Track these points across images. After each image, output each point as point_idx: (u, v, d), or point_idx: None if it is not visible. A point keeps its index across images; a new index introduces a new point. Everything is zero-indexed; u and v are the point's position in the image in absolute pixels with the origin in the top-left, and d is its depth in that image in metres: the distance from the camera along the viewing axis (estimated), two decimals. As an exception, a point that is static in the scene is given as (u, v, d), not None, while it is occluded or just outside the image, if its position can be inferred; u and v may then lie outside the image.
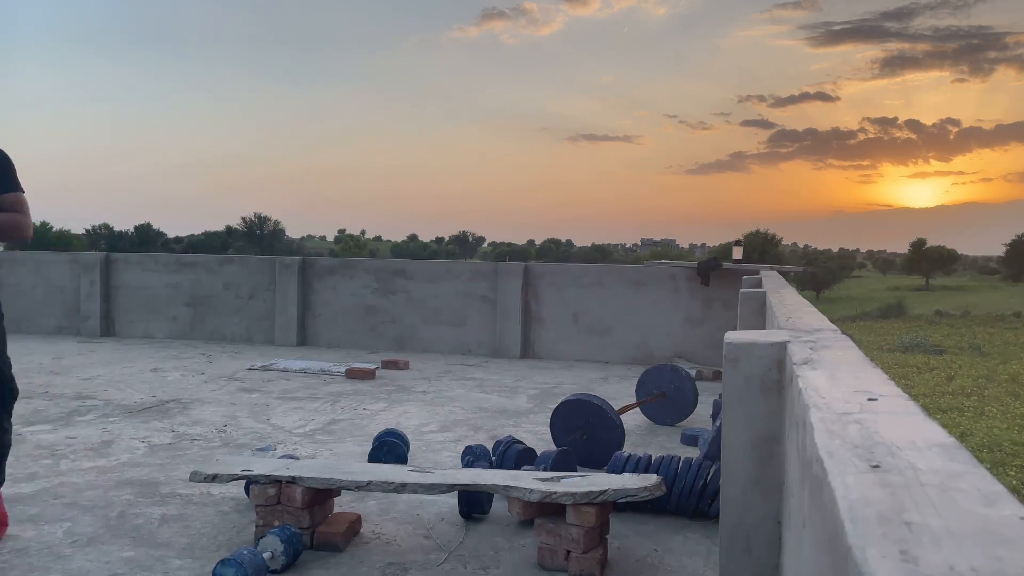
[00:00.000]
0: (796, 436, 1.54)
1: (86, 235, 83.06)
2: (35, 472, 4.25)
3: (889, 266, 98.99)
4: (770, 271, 7.59)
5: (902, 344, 15.09)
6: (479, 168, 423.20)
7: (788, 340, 2.07)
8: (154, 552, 3.20)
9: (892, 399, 1.33)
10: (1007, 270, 63.73)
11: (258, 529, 3.27)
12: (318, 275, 9.87)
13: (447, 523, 3.59)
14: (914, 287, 59.11)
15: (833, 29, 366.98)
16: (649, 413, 5.83)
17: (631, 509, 3.73)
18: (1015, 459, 6.57)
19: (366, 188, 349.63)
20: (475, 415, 5.94)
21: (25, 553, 3.16)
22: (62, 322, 10.40)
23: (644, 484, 3.10)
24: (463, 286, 9.39)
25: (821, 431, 1.11)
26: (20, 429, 5.19)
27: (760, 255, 33.19)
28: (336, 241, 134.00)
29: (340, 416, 5.81)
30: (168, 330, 10.15)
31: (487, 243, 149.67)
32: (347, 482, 3.24)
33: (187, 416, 5.70)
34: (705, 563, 3.21)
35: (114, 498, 3.85)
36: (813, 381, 1.51)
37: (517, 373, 7.94)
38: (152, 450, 4.76)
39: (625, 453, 3.97)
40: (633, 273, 9.13)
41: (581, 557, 3.02)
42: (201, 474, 3.40)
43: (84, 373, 7.40)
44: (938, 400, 9.25)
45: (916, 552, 0.68)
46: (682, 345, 8.74)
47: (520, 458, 4.11)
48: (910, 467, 0.92)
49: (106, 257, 10.51)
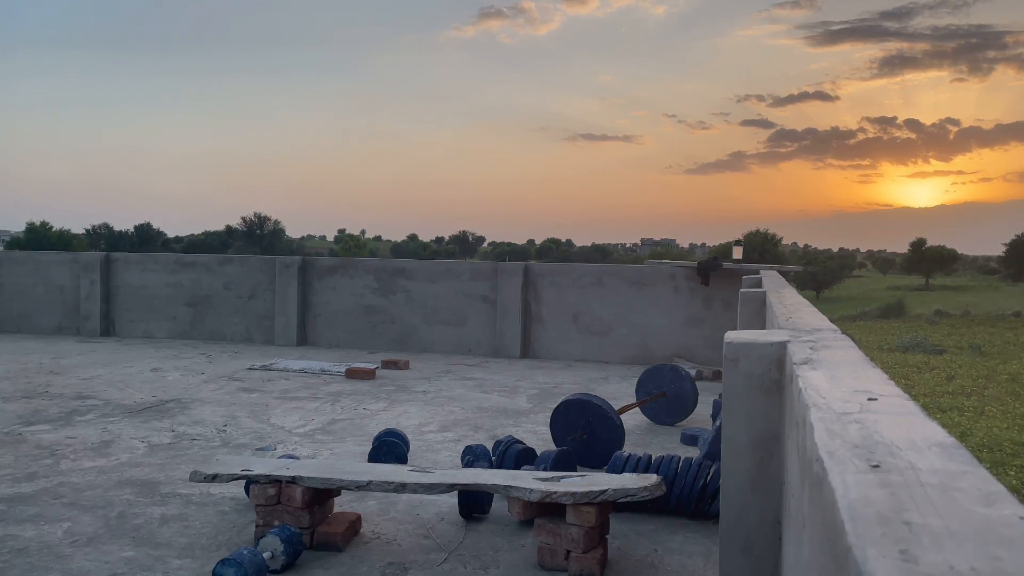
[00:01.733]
0: (796, 436, 1.54)
1: (86, 235, 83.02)
2: (35, 472, 4.24)
3: (889, 266, 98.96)
4: (770, 271, 7.59)
5: (902, 344, 15.10)
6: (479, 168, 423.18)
7: (788, 340, 2.07)
8: (154, 552, 3.20)
9: (892, 399, 1.33)
10: (1007, 270, 63.69)
11: (258, 529, 3.27)
12: (318, 275, 9.87)
13: (447, 523, 3.59)
14: (914, 287, 59.08)
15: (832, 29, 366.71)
16: (649, 413, 5.83)
17: (631, 509, 3.73)
18: (1015, 459, 6.57)
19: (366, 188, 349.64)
20: (475, 415, 5.94)
21: (25, 553, 3.16)
22: (62, 322, 10.40)
23: (644, 484, 3.10)
24: (463, 286, 9.39)
25: (821, 431, 1.11)
26: (20, 429, 5.19)
27: (760, 255, 33.20)
28: (336, 241, 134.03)
29: (340, 416, 5.81)
30: (168, 330, 10.14)
31: (487, 243, 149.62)
32: (347, 482, 3.24)
33: (187, 416, 5.70)
34: (705, 563, 3.21)
35: (114, 498, 3.85)
36: (813, 381, 1.51)
37: (517, 373, 7.94)
38: (152, 450, 4.76)
39: (625, 453, 3.97)
40: (633, 273, 9.12)
41: (581, 557, 3.02)
42: (201, 474, 3.40)
43: (84, 373, 7.39)
44: (938, 400, 9.25)
45: (916, 552, 0.68)
46: (682, 345, 8.74)
47: (520, 458, 4.11)
48: (910, 467, 0.92)
49: (106, 257, 10.51)
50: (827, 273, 50.79)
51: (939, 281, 65.33)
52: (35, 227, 66.91)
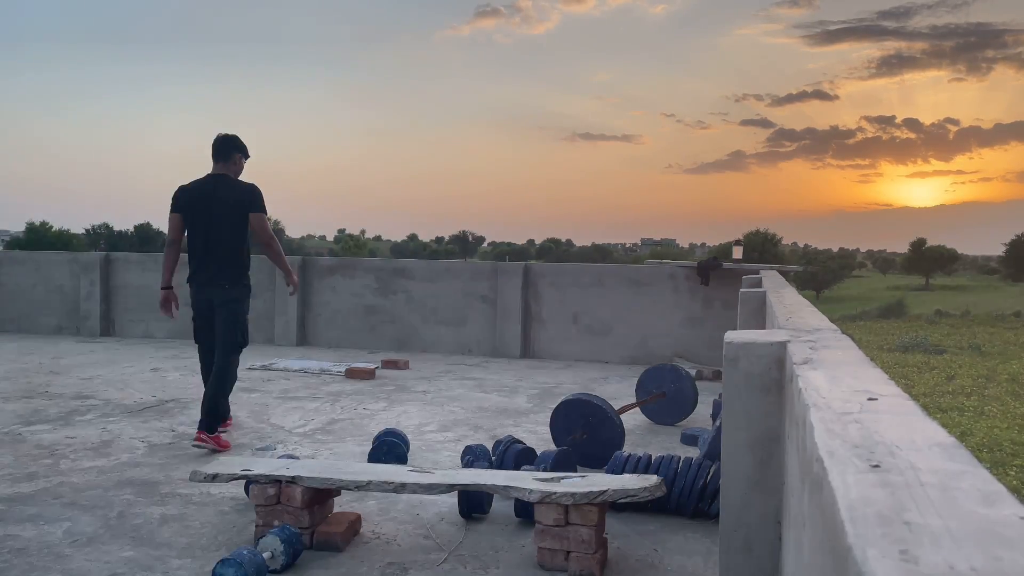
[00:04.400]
0: (796, 435, 1.54)
1: (86, 235, 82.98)
2: (35, 472, 4.24)
3: (889, 266, 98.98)
4: (770, 271, 7.59)
5: (902, 344, 15.09)
6: (479, 167, 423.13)
7: (788, 340, 2.07)
8: (154, 552, 3.20)
9: (892, 399, 1.33)
10: (1007, 270, 63.72)
11: (258, 529, 3.27)
12: (318, 275, 9.86)
13: (447, 523, 3.59)
14: (914, 287, 59.10)
15: (830, 28, 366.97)
16: (649, 413, 5.83)
17: (631, 509, 3.73)
18: (1015, 459, 6.57)
19: (366, 188, 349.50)
20: (475, 415, 5.94)
21: (25, 553, 3.16)
22: (62, 322, 10.40)
23: (644, 484, 3.10)
24: (463, 286, 9.39)
25: (821, 431, 1.11)
26: (20, 429, 5.19)
27: (760, 254, 33.20)
28: (336, 241, 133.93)
29: (340, 416, 5.81)
30: (168, 330, 10.14)
31: (487, 243, 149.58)
32: (347, 482, 3.24)
33: (187, 416, 5.70)
34: (705, 563, 3.21)
35: (114, 498, 3.85)
36: (813, 381, 1.51)
37: (517, 373, 7.94)
38: (152, 450, 4.76)
39: (625, 453, 3.97)
40: (633, 273, 9.12)
41: (581, 557, 3.02)
42: (201, 474, 3.40)
43: (84, 373, 7.39)
44: (938, 400, 9.25)
45: (916, 552, 0.68)
46: (682, 345, 8.74)
47: (520, 458, 4.10)
48: (910, 467, 0.92)
49: (106, 257, 10.51)
50: (827, 273, 50.81)
51: (939, 281, 65.36)
52: (35, 227, 66.90)
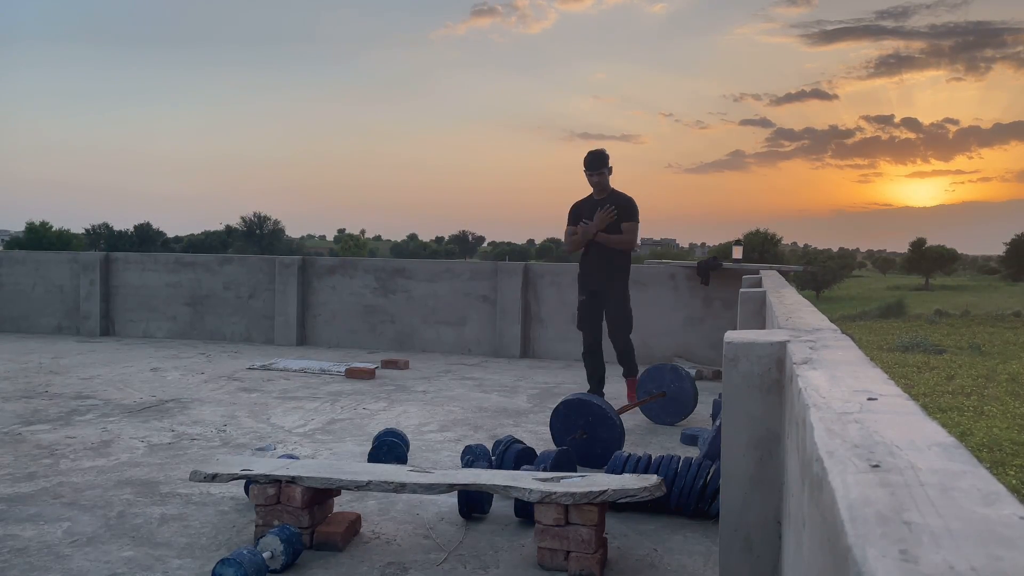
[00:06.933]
0: (796, 435, 1.54)
1: (86, 234, 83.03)
2: (35, 472, 4.24)
3: (889, 265, 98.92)
4: (770, 271, 7.59)
5: (902, 344, 15.09)
6: (478, 167, 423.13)
7: (788, 339, 2.07)
8: (154, 552, 3.20)
9: (892, 399, 1.33)
10: (1007, 270, 63.70)
11: (258, 529, 3.27)
12: (318, 275, 9.86)
13: (447, 523, 3.59)
14: (914, 287, 59.07)
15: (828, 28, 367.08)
16: (649, 413, 5.83)
17: (631, 509, 3.73)
18: (1015, 459, 6.57)
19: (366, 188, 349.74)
20: (475, 415, 5.94)
21: (25, 553, 3.16)
22: (62, 322, 10.40)
23: (644, 484, 3.10)
24: (463, 286, 9.39)
25: (821, 430, 1.11)
26: (20, 429, 5.19)
27: (760, 254, 33.19)
28: (336, 241, 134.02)
29: (340, 416, 5.81)
30: (168, 330, 10.14)
31: (487, 243, 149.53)
32: (347, 482, 3.24)
33: (187, 416, 5.70)
34: (705, 563, 3.21)
35: (114, 498, 3.85)
36: (813, 380, 1.51)
37: (517, 373, 7.93)
38: (152, 450, 4.76)
39: (625, 453, 3.97)
40: (633, 273, 9.10)
41: (581, 556, 3.02)
42: (201, 473, 3.40)
43: (84, 373, 7.39)
44: (938, 400, 9.25)
45: (916, 552, 0.68)
46: (682, 345, 8.73)
47: (520, 458, 4.10)
48: (910, 467, 0.92)
49: (106, 257, 10.51)
50: (827, 273, 50.76)
51: (939, 281, 65.33)
52: (35, 227, 66.92)
